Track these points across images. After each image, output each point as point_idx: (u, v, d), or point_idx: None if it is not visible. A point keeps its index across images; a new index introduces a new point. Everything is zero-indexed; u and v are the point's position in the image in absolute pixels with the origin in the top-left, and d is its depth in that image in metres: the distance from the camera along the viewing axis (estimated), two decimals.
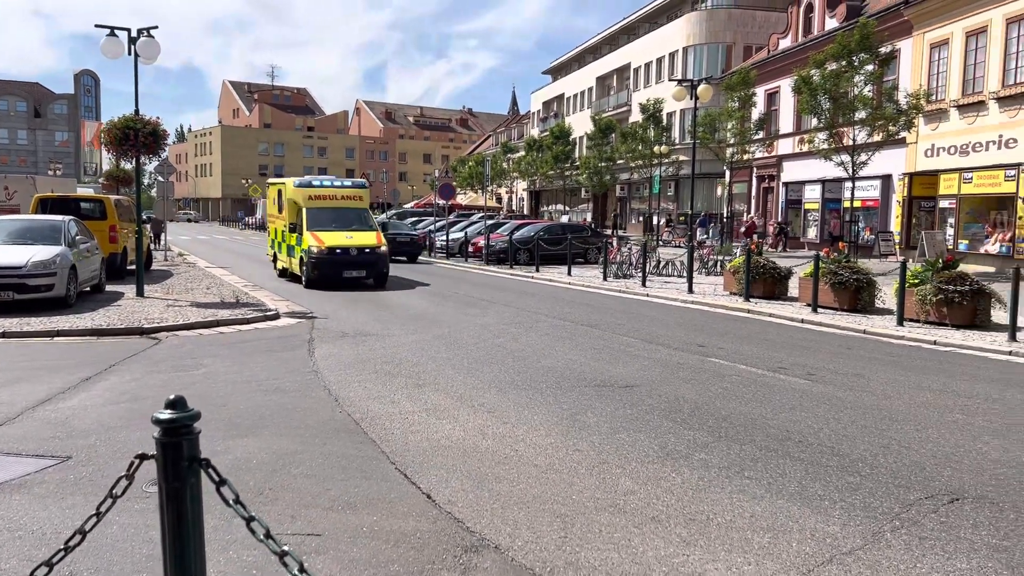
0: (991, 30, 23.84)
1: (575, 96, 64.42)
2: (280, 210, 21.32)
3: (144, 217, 19.97)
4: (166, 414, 2.30)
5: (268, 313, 13.62)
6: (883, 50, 25.38)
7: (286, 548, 2.24)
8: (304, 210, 19.40)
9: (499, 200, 73.13)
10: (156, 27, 15.09)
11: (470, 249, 29.71)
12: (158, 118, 15.42)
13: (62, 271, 13.42)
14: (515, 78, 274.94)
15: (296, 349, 10.68)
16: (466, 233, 31.55)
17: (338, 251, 18.57)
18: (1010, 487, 5.40)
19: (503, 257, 26.92)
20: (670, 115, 44.91)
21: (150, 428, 2.37)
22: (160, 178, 25.30)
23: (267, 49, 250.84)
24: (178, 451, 2.30)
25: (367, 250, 18.90)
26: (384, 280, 19.41)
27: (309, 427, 6.77)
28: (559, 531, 4.59)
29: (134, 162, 16.22)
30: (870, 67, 24.99)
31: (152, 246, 26.01)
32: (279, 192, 21.68)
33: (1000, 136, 23.55)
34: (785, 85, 33.16)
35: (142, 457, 2.38)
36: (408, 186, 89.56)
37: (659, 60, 50.10)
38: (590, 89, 61.25)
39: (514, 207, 72.66)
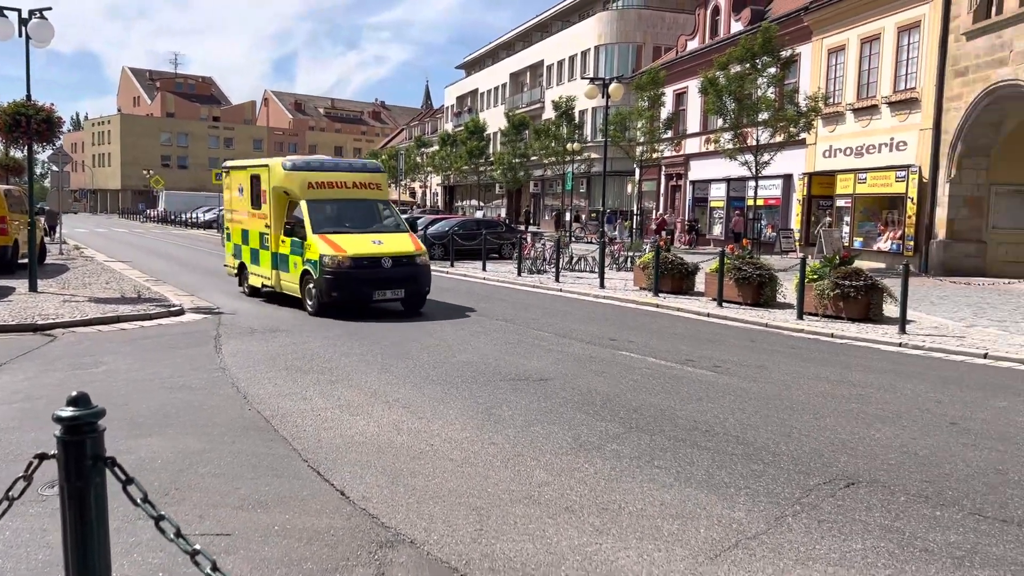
0: (884, 37, 25.06)
1: (489, 92, 64.51)
2: (256, 203, 15.14)
3: (37, 208, 18.93)
4: (68, 411, 2.21)
5: (172, 309, 13.17)
6: (784, 54, 26.35)
7: (197, 547, 2.19)
8: (304, 204, 13.68)
9: (413, 195, 72.62)
10: (50, 8, 14.35)
11: None
12: (52, 104, 14.69)
13: None
14: (429, 72, 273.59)
15: (202, 345, 10.36)
16: None
17: (366, 262, 12.96)
18: (900, 471, 5.71)
19: None
20: (582, 113, 45.47)
21: (46, 429, 2.27)
22: (55, 168, 24.06)
23: (170, 36, 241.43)
24: (81, 450, 2.21)
25: (404, 260, 13.31)
26: (422, 303, 13.94)
27: (217, 425, 6.59)
28: (475, 524, 4.61)
29: (26, 150, 15.40)
30: (772, 70, 25.89)
31: (46, 239, 24.74)
32: (254, 179, 15.27)
33: (892, 139, 24.79)
34: (693, 86, 34.02)
35: (41, 457, 2.28)
36: None
37: (571, 58, 50.68)
38: (504, 85, 61.44)
39: (428, 202, 72.27)
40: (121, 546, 4.08)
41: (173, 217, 60.73)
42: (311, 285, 13.21)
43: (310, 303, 13.32)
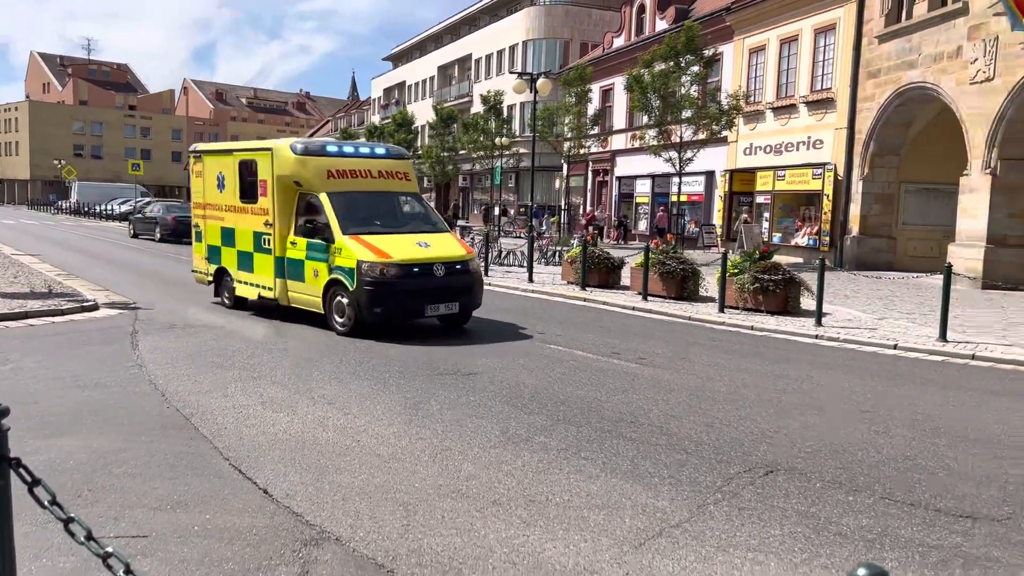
0: (802, 39, 25.86)
1: (417, 84, 64.04)
2: (248, 196, 12.30)
3: None
4: None
5: (85, 304, 12.66)
6: (707, 53, 26.91)
7: (110, 549, 2.11)
8: (325, 198, 11.20)
9: None
10: None
11: None
12: None
13: None
14: (355, 63, 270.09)
15: (118, 342, 9.99)
16: None
17: (416, 270, 10.66)
18: (816, 459, 5.91)
19: None
20: (511, 107, 45.57)
21: None
22: None
23: (82, 20, 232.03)
24: None
25: (457, 267, 11.09)
26: (467, 319, 11.80)
27: (134, 424, 6.37)
28: (402, 519, 4.58)
29: None
30: (695, 68, 26.42)
31: None
32: (244, 166, 12.44)
33: (809, 137, 25.61)
34: (619, 82, 34.45)
35: None
36: None
37: (500, 52, 50.71)
38: (432, 78, 61.09)
39: None
40: (30, 551, 3.90)
41: (87, 209, 58.37)
42: (341, 298, 10.73)
43: (340, 320, 10.82)
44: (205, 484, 5.07)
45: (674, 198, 29.72)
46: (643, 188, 35.67)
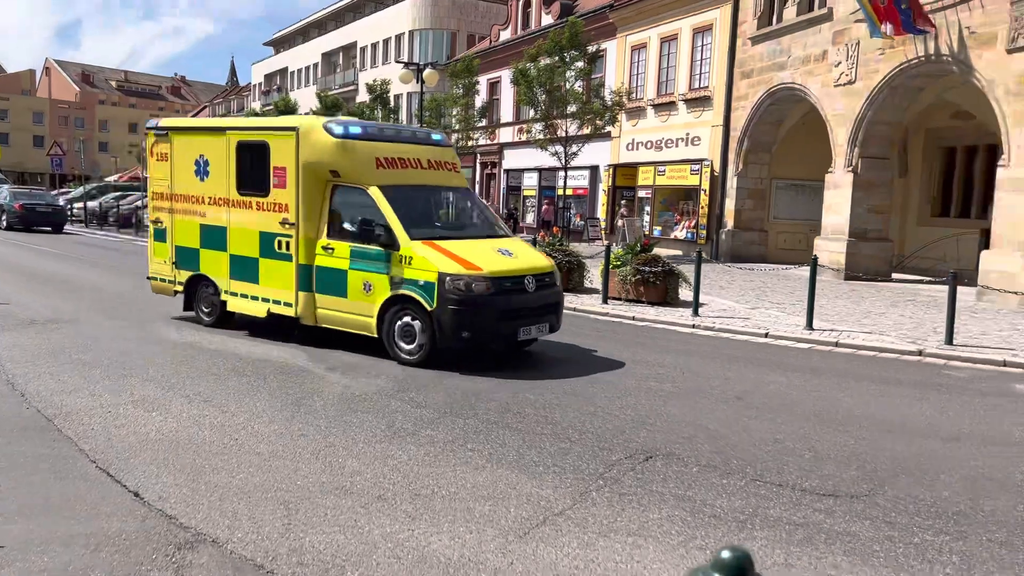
0: (681, 38, 26.71)
1: (300, 71, 62.38)
2: (255, 186, 9.91)
3: None
4: None
5: None
6: (591, 49, 27.40)
7: None
8: (377, 192, 9.04)
9: None
10: None
11: None
12: None
13: None
14: (234, 48, 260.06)
15: None
16: None
17: (508, 284, 8.74)
18: (693, 444, 6.14)
19: None
20: (397, 97, 45.00)
21: None
22: None
23: None
24: None
25: (546, 279, 9.30)
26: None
27: None
28: (283, 518, 4.46)
29: None
30: (580, 64, 26.85)
31: None
32: (245, 149, 10.06)
33: (687, 134, 26.51)
34: (506, 76, 34.61)
35: None
36: (110, 157, 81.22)
37: (386, 41, 50.03)
38: (315, 65, 59.64)
39: None
40: None
41: None
42: (411, 319, 8.63)
43: (407, 348, 8.68)
44: (70, 489, 4.78)
45: (560, 192, 30.16)
46: (530, 181, 36.02)
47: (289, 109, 51.03)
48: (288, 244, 9.56)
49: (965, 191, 22.11)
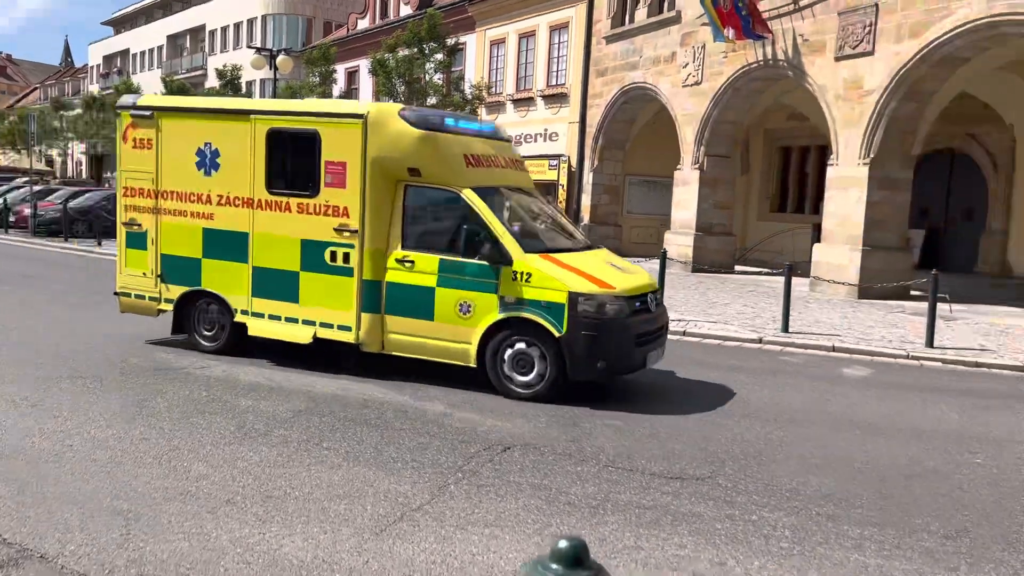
0: (538, 34, 27.13)
1: (143, 53, 58.89)
2: (294, 183, 8.19)
3: None
4: None
5: None
6: (450, 41, 27.37)
7: None
8: (473, 196, 7.61)
9: (51, 164, 63.97)
10: None
11: (12, 219, 25.81)
12: None
13: None
14: (69, 27, 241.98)
15: None
16: (5, 200, 27.05)
17: (639, 305, 7.61)
18: (549, 433, 6.27)
19: (56, 229, 23.67)
20: (250, 84, 43.30)
21: None
22: None
23: None
24: None
25: (658, 299, 8.21)
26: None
27: None
28: (121, 528, 4.20)
29: None
30: (439, 56, 26.77)
31: None
32: (278, 138, 8.24)
33: (546, 130, 26.99)
34: (364, 65, 34.00)
35: None
36: None
37: (237, 25, 48.02)
38: (160, 47, 56.47)
39: (70, 172, 64.13)
40: None
41: None
42: (527, 347, 7.33)
43: (523, 379, 7.36)
44: None
45: None
46: None
47: (131, 93, 48.11)
48: (348, 256, 7.86)
49: (800, 188, 23.75)
